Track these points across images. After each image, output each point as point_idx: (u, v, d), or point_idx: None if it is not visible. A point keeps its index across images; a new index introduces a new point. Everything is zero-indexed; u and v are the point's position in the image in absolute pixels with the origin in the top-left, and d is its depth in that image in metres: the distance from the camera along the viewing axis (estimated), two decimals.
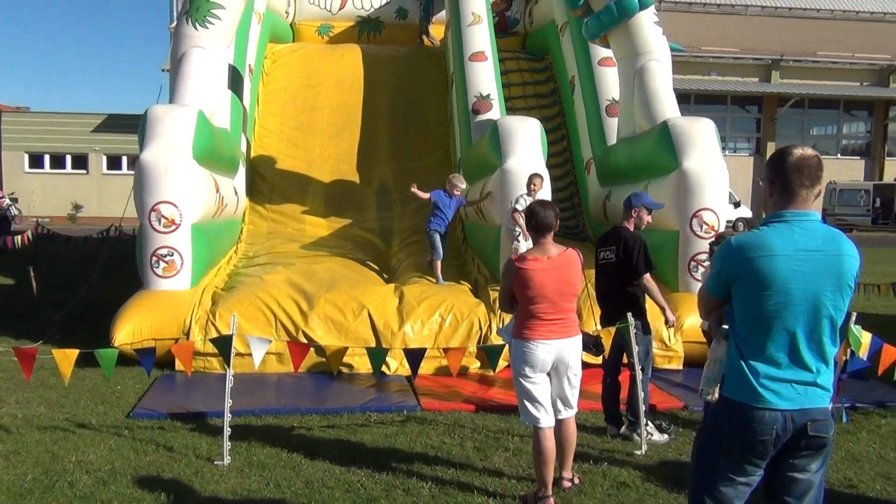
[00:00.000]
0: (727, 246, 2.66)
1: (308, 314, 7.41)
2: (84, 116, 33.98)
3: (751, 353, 2.61)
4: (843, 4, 39.18)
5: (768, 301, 2.58)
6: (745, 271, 2.59)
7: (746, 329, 2.64)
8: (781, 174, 2.64)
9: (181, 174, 7.64)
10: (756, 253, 2.58)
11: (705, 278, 2.87)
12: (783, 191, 2.65)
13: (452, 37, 12.14)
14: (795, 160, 2.63)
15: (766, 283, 2.57)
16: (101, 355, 5.01)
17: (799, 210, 2.64)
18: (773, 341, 2.60)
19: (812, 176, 2.63)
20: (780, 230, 2.62)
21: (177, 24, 9.32)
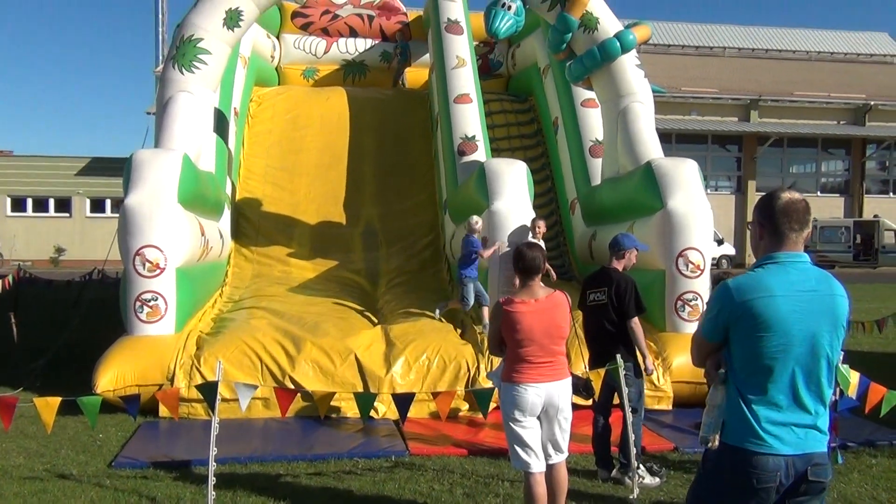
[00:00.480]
0: (725, 289, 2.63)
1: (295, 358, 7.33)
2: (68, 160, 33.93)
3: (752, 397, 2.59)
4: (818, 46, 40.18)
5: (769, 342, 2.56)
6: (745, 313, 2.58)
7: (746, 372, 2.61)
8: (771, 218, 2.67)
9: (166, 218, 7.60)
10: (755, 294, 2.58)
11: (699, 324, 2.84)
12: (773, 234, 2.68)
13: (437, 79, 12.28)
14: (783, 204, 2.67)
15: (767, 324, 2.56)
16: (84, 403, 4.91)
17: (790, 252, 2.67)
18: (774, 383, 2.58)
19: (801, 220, 2.67)
20: (775, 271, 2.63)
21: (163, 68, 9.37)
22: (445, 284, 10.61)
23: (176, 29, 9.40)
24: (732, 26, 40.88)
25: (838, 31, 41.79)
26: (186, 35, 9.00)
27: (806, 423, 2.59)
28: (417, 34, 14.72)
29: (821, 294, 2.64)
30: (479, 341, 7.83)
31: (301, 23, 14.65)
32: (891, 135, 33.29)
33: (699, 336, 2.77)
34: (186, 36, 8.99)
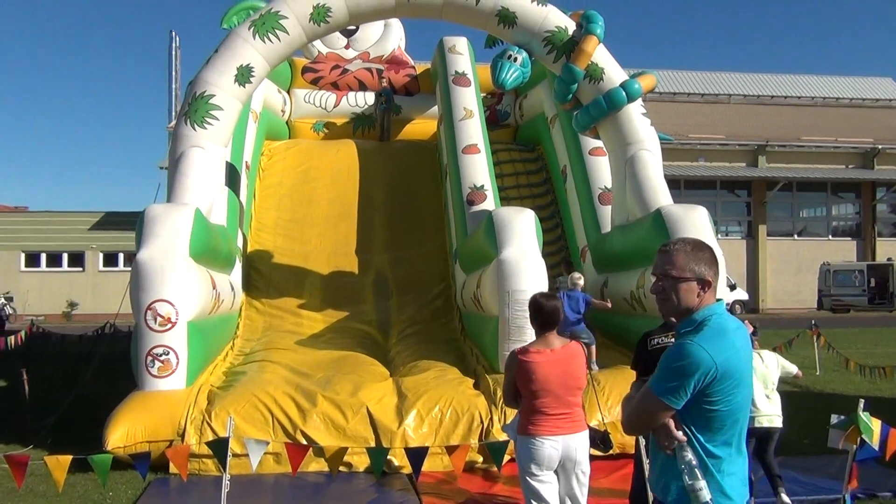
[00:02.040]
0: (699, 350, 2.48)
1: (306, 413, 7.25)
2: (81, 215, 34.30)
3: (719, 456, 2.54)
4: (823, 91, 40.50)
5: (739, 396, 2.54)
6: (724, 373, 2.49)
7: (714, 431, 2.54)
8: (715, 272, 2.61)
9: (178, 272, 7.63)
10: (728, 352, 2.51)
11: (645, 389, 2.60)
12: (714, 287, 2.62)
13: (445, 130, 12.42)
14: (716, 259, 2.65)
15: (739, 379, 2.52)
16: (95, 462, 4.86)
17: (719, 303, 2.64)
18: (736, 437, 2.57)
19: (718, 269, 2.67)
20: (725, 325, 2.58)
21: (176, 124, 9.51)
22: (457, 335, 10.54)
23: (188, 86, 9.58)
24: (738, 74, 41.32)
25: (843, 77, 42.17)
26: (199, 91, 9.16)
27: (745, 471, 2.64)
28: (426, 87, 14.93)
29: (746, 338, 2.65)
30: (493, 391, 7.74)
31: (311, 77, 14.92)
32: None
33: (660, 403, 2.53)
34: (199, 92, 9.15)
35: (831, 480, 6.12)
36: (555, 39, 9.56)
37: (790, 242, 33.83)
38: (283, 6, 9.36)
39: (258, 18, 9.33)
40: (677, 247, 2.63)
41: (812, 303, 32.21)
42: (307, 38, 9.74)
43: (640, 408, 2.61)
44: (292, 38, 9.43)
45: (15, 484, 4.93)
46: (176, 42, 33.07)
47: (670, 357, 2.53)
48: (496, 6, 9.53)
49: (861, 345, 17.43)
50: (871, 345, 17.73)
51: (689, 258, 2.59)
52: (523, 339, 7.65)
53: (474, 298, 9.36)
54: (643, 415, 2.60)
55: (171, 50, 33.00)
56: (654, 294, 2.66)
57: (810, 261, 32.76)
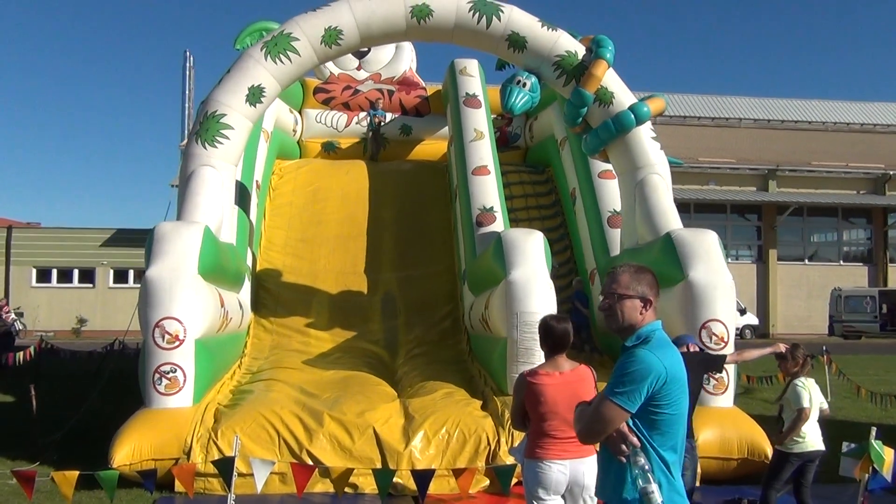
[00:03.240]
0: (651, 357, 2.73)
1: (313, 433, 7.23)
2: (93, 231, 34.50)
3: (668, 459, 2.76)
4: (834, 117, 40.49)
5: (682, 402, 2.80)
6: (671, 378, 2.74)
7: (664, 435, 2.76)
8: (657, 293, 2.91)
9: (186, 290, 7.65)
10: (674, 359, 2.79)
11: (599, 398, 2.81)
12: (655, 306, 2.91)
13: (456, 152, 12.46)
14: (653, 277, 2.92)
15: (683, 384, 2.80)
16: (102, 478, 4.87)
17: (657, 320, 2.92)
18: (679, 441, 2.81)
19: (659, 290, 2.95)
20: (667, 338, 2.88)
21: (187, 142, 9.59)
22: (465, 356, 10.51)
23: (200, 105, 9.66)
24: (748, 98, 41.38)
25: (854, 102, 42.16)
26: (210, 111, 9.24)
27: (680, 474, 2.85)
28: (436, 108, 15.01)
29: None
30: (500, 413, 7.70)
31: (323, 98, 15.03)
32: None
33: (617, 408, 2.73)
34: (210, 112, 9.23)
35: None
36: (565, 64, 9.61)
37: (801, 267, 33.65)
38: (295, 28, 9.45)
39: (270, 40, 9.43)
40: (622, 269, 2.94)
41: (823, 328, 31.97)
42: (318, 59, 9.83)
43: (596, 415, 2.79)
44: (304, 59, 9.51)
45: (22, 500, 4.93)
46: (190, 62, 33.40)
47: (624, 364, 2.77)
48: (506, 31, 9.59)
49: (873, 371, 17.25)
50: (882, 371, 17.55)
51: (632, 278, 2.89)
52: (532, 361, 7.64)
53: (482, 320, 9.34)
54: (601, 422, 2.77)
55: (186, 69, 33.31)
56: (602, 311, 2.92)
57: (821, 286, 32.55)
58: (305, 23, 9.47)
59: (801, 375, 5.61)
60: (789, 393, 5.55)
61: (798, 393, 5.47)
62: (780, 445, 5.58)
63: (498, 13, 9.56)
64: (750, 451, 7.41)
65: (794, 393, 5.50)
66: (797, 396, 5.46)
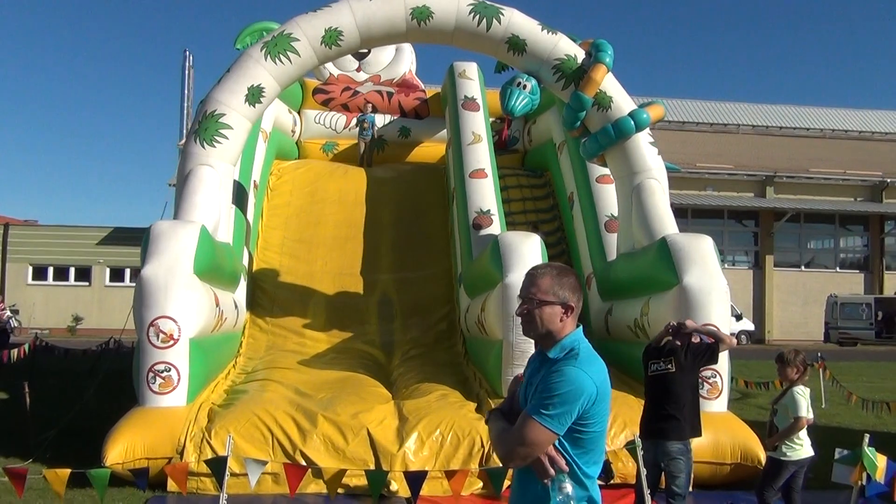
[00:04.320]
0: (582, 375, 2.54)
1: (307, 433, 7.22)
2: (90, 229, 34.48)
3: (591, 476, 2.64)
4: (832, 124, 40.60)
5: (607, 417, 2.67)
6: (601, 396, 2.59)
7: (589, 452, 2.62)
8: (580, 297, 2.69)
9: (181, 289, 7.64)
10: (603, 375, 2.62)
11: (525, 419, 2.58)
12: (578, 312, 2.71)
13: (454, 154, 12.47)
14: (575, 281, 2.71)
15: (608, 400, 2.64)
16: (93, 476, 4.86)
17: (579, 327, 2.72)
18: (602, 456, 2.69)
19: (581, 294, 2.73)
20: (592, 349, 2.68)
21: (185, 141, 9.58)
22: (460, 358, 10.51)
23: (199, 104, 9.66)
24: (747, 104, 41.49)
25: (853, 110, 42.29)
26: (209, 110, 9.23)
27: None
28: (435, 111, 15.03)
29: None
30: None
31: (322, 98, 15.04)
32: None
33: (545, 432, 2.52)
34: (209, 111, 9.23)
35: None
36: (564, 67, 9.62)
37: (797, 274, 33.73)
38: (296, 28, 9.46)
39: (270, 40, 9.43)
40: (543, 271, 2.68)
41: (818, 335, 32.03)
42: (318, 60, 9.83)
43: (524, 438, 2.56)
44: (304, 60, 9.51)
45: (13, 498, 4.92)
46: (189, 61, 33.40)
47: (554, 385, 2.54)
48: (506, 33, 9.60)
49: (868, 378, 17.28)
50: (878, 378, 17.59)
51: (553, 283, 2.64)
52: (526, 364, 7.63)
53: (478, 322, 9.34)
54: (528, 446, 2.55)
55: (185, 69, 33.32)
56: (519, 316, 2.71)
57: (817, 292, 32.62)
58: (306, 23, 9.47)
59: (799, 383, 5.61)
60: (787, 400, 5.55)
61: (797, 401, 5.47)
62: (774, 453, 5.58)
63: (498, 16, 9.58)
64: (743, 456, 7.41)
65: (793, 401, 5.50)
66: (796, 405, 5.46)
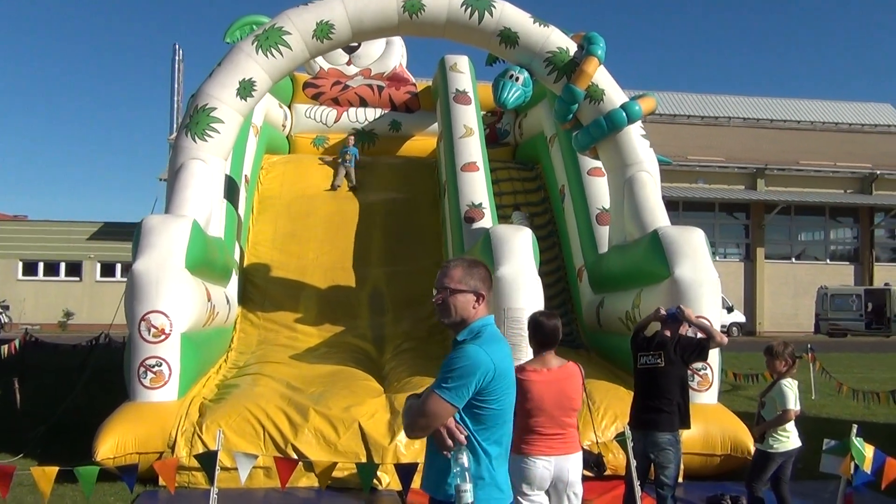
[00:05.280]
0: (479, 352, 2.76)
1: (298, 427, 7.22)
2: (80, 224, 34.33)
3: (492, 453, 2.80)
4: (823, 116, 40.74)
5: (510, 398, 2.86)
6: (499, 374, 2.77)
7: (489, 429, 2.80)
8: (489, 287, 2.94)
9: (173, 284, 7.62)
10: (503, 355, 2.83)
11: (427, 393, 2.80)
12: (487, 301, 2.93)
13: (445, 148, 12.46)
14: (486, 272, 2.96)
15: (509, 381, 2.85)
16: (80, 473, 4.83)
17: (490, 315, 2.96)
18: (506, 435, 2.88)
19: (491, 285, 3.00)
20: (498, 333, 2.91)
21: (176, 136, 9.54)
22: None
23: (190, 98, 9.61)
24: (738, 97, 41.57)
25: (843, 102, 42.43)
26: (200, 104, 9.19)
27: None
28: (426, 104, 14.99)
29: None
30: None
31: (312, 93, 14.98)
32: None
33: (444, 403, 2.74)
34: (200, 105, 9.19)
35: None
36: (556, 60, 9.61)
37: (788, 266, 33.88)
38: (287, 22, 9.41)
39: (261, 34, 9.38)
40: (455, 263, 2.94)
41: (809, 326, 32.21)
42: (310, 53, 9.79)
43: (423, 409, 2.78)
44: (295, 53, 9.47)
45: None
46: (179, 55, 33.23)
47: (452, 359, 2.77)
48: (498, 26, 9.58)
49: (858, 369, 17.39)
50: (867, 369, 17.70)
51: (465, 273, 2.90)
52: (518, 357, 7.63)
53: None
54: (427, 416, 2.77)
55: (175, 63, 33.15)
56: (435, 304, 2.92)
57: (808, 284, 32.79)
58: (297, 17, 9.43)
59: (788, 376, 5.63)
60: (775, 392, 5.58)
61: (785, 394, 5.50)
62: (762, 445, 5.62)
63: (490, 8, 9.55)
64: (733, 448, 7.45)
65: (780, 393, 5.53)
66: (784, 397, 5.49)
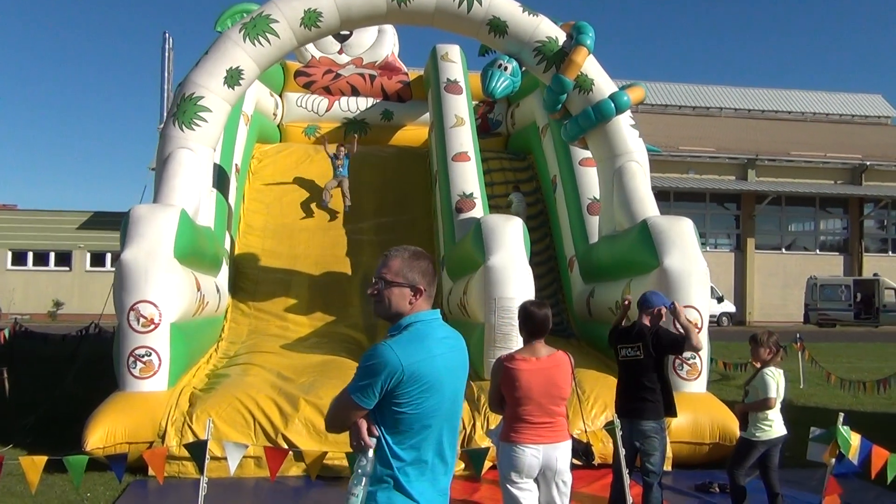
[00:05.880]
0: (388, 351, 2.58)
1: (288, 417, 7.23)
2: (70, 214, 34.15)
3: (404, 459, 2.60)
4: (814, 107, 40.83)
5: (429, 402, 2.61)
6: (411, 376, 2.57)
7: (402, 434, 2.60)
8: (424, 277, 2.73)
9: (162, 274, 7.59)
10: (419, 356, 2.60)
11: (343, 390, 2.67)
12: (424, 294, 2.72)
13: (436, 138, 12.43)
14: (432, 270, 2.76)
15: (429, 385, 2.60)
16: (69, 462, 4.82)
17: (431, 310, 2.75)
18: (426, 442, 2.62)
19: (434, 276, 2.78)
20: (427, 331, 2.68)
21: (164, 124, 9.49)
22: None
23: (178, 87, 9.56)
24: (729, 87, 41.61)
25: (834, 93, 42.53)
26: (187, 93, 9.14)
27: (446, 478, 2.70)
28: (418, 94, 14.95)
29: (458, 348, 2.78)
30: (476, 398, 7.74)
31: (303, 81, 14.91)
32: (888, 194, 33.55)
33: (351, 401, 2.62)
34: (187, 94, 9.13)
35: (811, 494, 6.14)
36: (545, 49, 9.59)
37: (778, 256, 34.02)
38: (274, 10, 9.35)
39: (249, 21, 9.32)
40: (395, 254, 2.75)
41: (798, 316, 32.38)
42: (298, 42, 9.73)
43: (336, 405, 2.68)
44: (283, 41, 9.42)
45: None
46: (169, 43, 32.93)
47: (364, 357, 2.62)
48: (487, 15, 9.55)
49: (846, 359, 17.51)
50: (855, 359, 17.83)
51: (403, 265, 2.71)
52: (509, 346, 7.67)
53: (460, 305, 9.35)
54: (339, 412, 2.67)
55: (164, 51, 32.88)
56: (370, 296, 2.76)
57: (798, 275, 32.94)
58: (285, 5, 9.37)
59: (771, 364, 5.67)
60: (757, 381, 5.63)
61: (766, 382, 5.54)
62: (745, 433, 5.67)
63: None
64: (721, 436, 7.50)
65: (762, 381, 5.58)
66: (765, 385, 5.54)
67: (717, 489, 6.63)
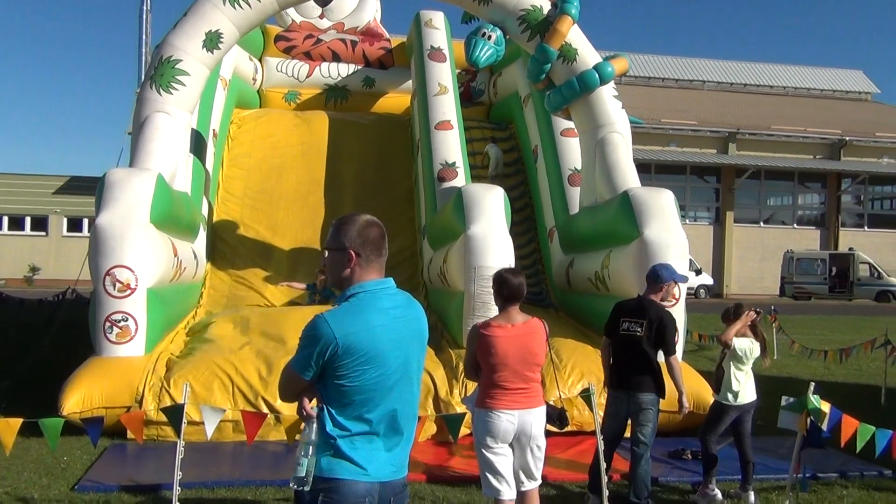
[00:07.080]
0: (323, 324, 2.56)
1: (268, 380, 7.23)
2: (46, 178, 33.65)
3: (350, 429, 2.59)
4: (795, 82, 40.97)
5: (370, 374, 2.58)
6: (348, 349, 2.55)
7: (345, 405, 2.59)
8: (364, 246, 2.66)
9: (137, 238, 7.52)
10: (356, 328, 2.57)
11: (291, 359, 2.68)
12: (364, 262, 2.67)
13: (419, 106, 12.34)
14: (375, 233, 2.68)
15: (368, 356, 2.57)
16: (45, 425, 4.81)
17: (379, 279, 2.70)
18: (372, 413, 2.60)
19: (383, 245, 2.72)
20: (370, 301, 2.64)
21: (141, 88, 9.33)
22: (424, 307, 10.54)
23: (155, 49, 9.39)
24: (712, 60, 41.62)
25: (815, 68, 42.67)
26: (165, 56, 8.98)
27: (401, 449, 2.68)
28: (400, 61, 14.80)
29: (409, 318, 2.73)
30: (455, 365, 7.79)
31: (284, 46, 14.70)
32: (866, 170, 33.87)
33: (293, 373, 2.64)
34: (165, 57, 8.98)
35: (781, 461, 6.27)
36: (529, 18, 9.51)
37: (756, 230, 34.33)
38: None
39: None
40: (339, 220, 2.71)
41: (775, 289, 32.79)
42: (279, 6, 9.59)
43: (283, 376, 2.72)
44: (263, 5, 9.27)
45: None
46: (147, 4, 32.26)
47: (304, 328, 2.62)
48: None
49: (819, 331, 17.82)
50: (828, 331, 18.13)
51: (338, 231, 2.67)
52: (488, 314, 7.67)
53: (441, 274, 9.36)
54: (284, 383, 2.72)
55: (143, 12, 32.22)
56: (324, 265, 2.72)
57: (775, 248, 33.29)
58: None
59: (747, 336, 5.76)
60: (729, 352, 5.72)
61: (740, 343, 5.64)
62: (718, 396, 5.77)
63: None
64: (696, 405, 7.58)
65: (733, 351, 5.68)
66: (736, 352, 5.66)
67: (689, 456, 6.75)
